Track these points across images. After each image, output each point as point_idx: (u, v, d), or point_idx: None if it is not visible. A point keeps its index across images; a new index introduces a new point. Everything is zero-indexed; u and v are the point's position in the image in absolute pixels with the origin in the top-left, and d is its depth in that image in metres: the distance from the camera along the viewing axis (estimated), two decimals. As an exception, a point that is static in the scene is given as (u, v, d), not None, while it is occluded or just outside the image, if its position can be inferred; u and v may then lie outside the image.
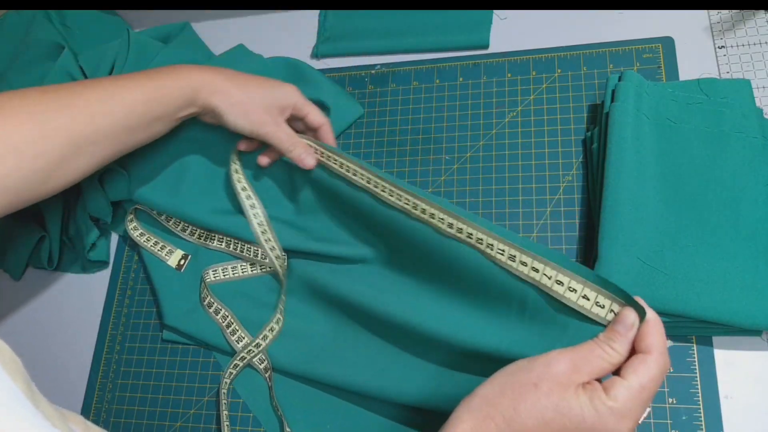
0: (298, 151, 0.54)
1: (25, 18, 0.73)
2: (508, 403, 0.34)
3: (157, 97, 0.50)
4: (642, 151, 0.50)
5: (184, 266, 0.61)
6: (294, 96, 0.55)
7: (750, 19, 0.56)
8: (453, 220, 0.44)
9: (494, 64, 0.62)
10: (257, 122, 0.53)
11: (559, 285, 0.39)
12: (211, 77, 0.52)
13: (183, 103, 0.52)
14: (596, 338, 0.35)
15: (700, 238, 0.47)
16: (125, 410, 0.59)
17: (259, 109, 0.53)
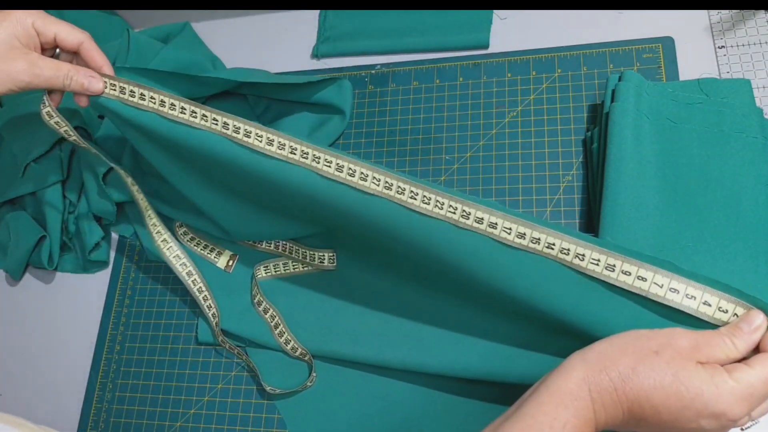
0: (77, 78, 0.46)
1: (25, 18, 0.73)
2: (627, 362, 0.33)
3: None
4: (642, 151, 0.50)
5: (233, 267, 0.60)
6: (27, 17, 0.45)
7: (750, 19, 0.56)
8: None
9: (494, 64, 0.62)
10: (7, 78, 0.45)
11: (674, 293, 0.37)
12: None
13: None
14: (719, 329, 0.35)
15: (700, 238, 0.47)
16: (125, 410, 0.59)
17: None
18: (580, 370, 0.34)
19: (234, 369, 0.58)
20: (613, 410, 0.33)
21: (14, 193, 0.67)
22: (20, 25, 0.45)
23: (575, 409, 0.33)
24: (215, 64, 0.71)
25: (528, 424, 0.33)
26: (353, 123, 0.64)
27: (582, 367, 0.34)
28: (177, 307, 0.62)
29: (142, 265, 0.65)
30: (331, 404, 0.53)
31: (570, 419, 0.33)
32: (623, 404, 0.33)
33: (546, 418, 0.33)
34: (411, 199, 0.42)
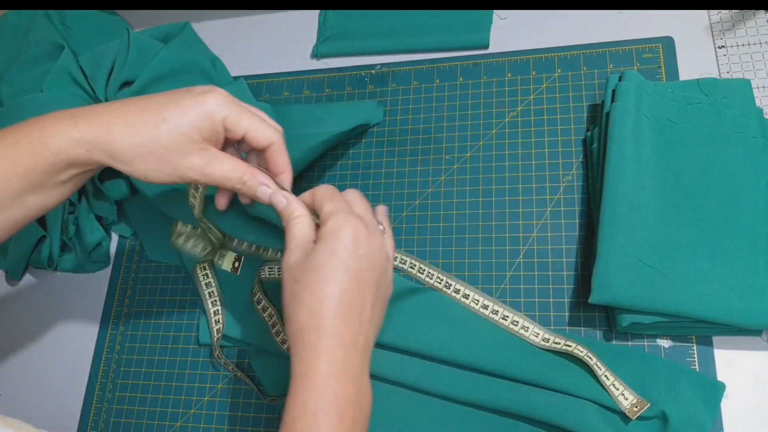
0: (251, 185, 0.41)
1: (25, 18, 0.73)
2: (298, 310, 0.37)
3: (8, 168, 0.38)
4: (642, 151, 0.50)
5: (239, 268, 0.59)
6: (219, 111, 0.39)
7: (750, 19, 0.56)
8: None
9: (494, 64, 0.62)
10: (175, 172, 0.39)
11: None
12: (85, 131, 0.39)
13: (52, 169, 0.39)
14: (285, 226, 0.41)
15: (700, 238, 0.47)
16: (125, 410, 0.59)
17: (170, 154, 0.39)
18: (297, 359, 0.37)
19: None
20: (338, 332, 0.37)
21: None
22: (209, 120, 0.39)
23: None
24: (215, 64, 0.71)
25: None
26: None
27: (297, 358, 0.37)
28: (177, 307, 0.62)
29: (142, 265, 0.65)
30: None
31: None
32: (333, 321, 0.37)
33: None
34: None
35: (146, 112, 0.39)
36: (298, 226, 0.40)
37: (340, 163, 0.63)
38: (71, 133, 0.39)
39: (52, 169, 0.39)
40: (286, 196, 0.41)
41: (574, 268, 0.52)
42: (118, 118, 0.39)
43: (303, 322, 0.37)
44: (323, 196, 0.40)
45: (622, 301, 0.45)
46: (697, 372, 0.46)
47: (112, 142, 0.39)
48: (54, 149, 0.39)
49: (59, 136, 0.39)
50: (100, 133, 0.39)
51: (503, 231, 0.55)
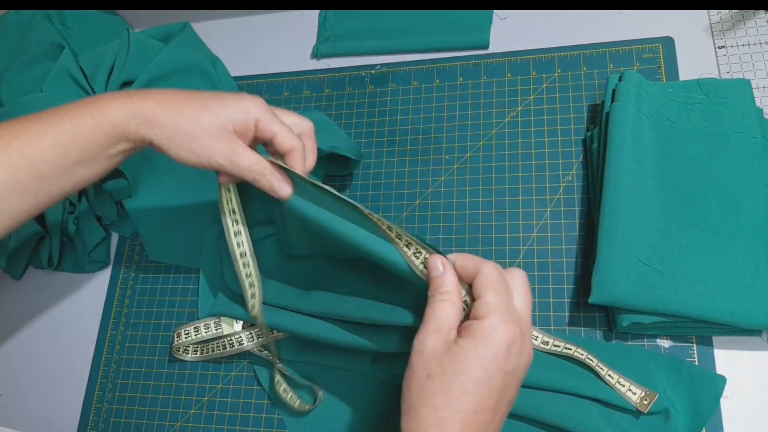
0: (269, 179, 0.45)
1: (25, 18, 0.73)
2: (425, 412, 0.33)
3: (70, 140, 0.42)
4: (642, 151, 0.50)
5: None
6: (254, 111, 0.44)
7: (750, 19, 0.56)
8: None
9: (494, 64, 0.62)
10: (205, 154, 0.44)
11: None
12: (139, 105, 0.43)
13: (107, 142, 0.43)
14: (429, 301, 0.36)
15: (700, 238, 0.47)
16: (125, 410, 0.59)
17: (206, 137, 0.43)
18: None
19: (234, 369, 0.58)
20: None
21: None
22: (243, 116, 0.44)
23: None
24: (215, 64, 0.71)
25: None
26: (353, 123, 0.64)
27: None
28: (177, 307, 0.62)
29: (142, 265, 0.65)
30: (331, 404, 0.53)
31: None
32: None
33: None
34: None
35: (194, 99, 0.44)
36: (443, 306, 0.36)
37: (340, 163, 0.63)
38: (128, 107, 0.43)
39: (107, 142, 0.43)
40: (444, 264, 0.37)
41: (574, 268, 0.52)
42: (168, 100, 0.44)
43: (425, 427, 0.33)
44: (488, 281, 0.36)
45: (622, 301, 0.45)
46: (698, 366, 0.46)
47: (159, 119, 0.43)
48: (114, 121, 0.43)
49: (120, 109, 0.43)
50: (152, 109, 0.43)
51: (503, 231, 0.55)
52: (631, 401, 0.45)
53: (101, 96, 0.44)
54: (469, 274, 0.36)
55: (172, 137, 0.43)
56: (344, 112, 0.65)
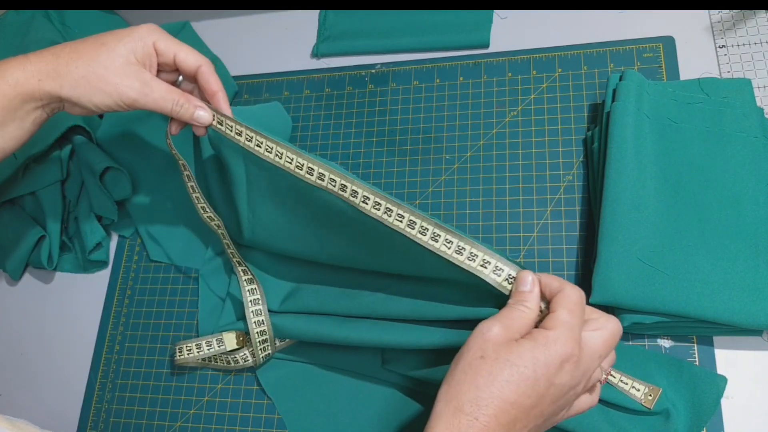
0: (187, 107, 0.45)
1: (25, 18, 0.73)
2: (466, 387, 0.34)
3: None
4: (642, 151, 0.50)
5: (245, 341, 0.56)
6: (149, 36, 0.44)
7: (750, 19, 0.56)
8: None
9: (495, 63, 0.62)
10: (115, 92, 0.43)
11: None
12: (35, 62, 0.43)
13: (10, 105, 0.43)
14: (510, 303, 0.37)
15: (701, 238, 0.47)
16: (125, 410, 0.59)
17: (111, 75, 0.43)
18: (437, 427, 0.34)
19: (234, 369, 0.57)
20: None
21: (14, 193, 0.66)
22: (141, 43, 0.44)
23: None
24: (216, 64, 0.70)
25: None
26: (353, 123, 0.64)
27: (439, 419, 0.34)
28: (177, 307, 0.62)
29: (142, 265, 0.65)
30: (331, 405, 0.53)
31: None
32: (491, 424, 0.33)
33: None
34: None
35: (88, 41, 0.44)
36: (520, 313, 0.36)
37: (340, 163, 0.63)
38: (24, 65, 0.43)
39: (11, 105, 0.43)
40: (533, 282, 0.38)
41: (575, 268, 0.52)
42: (65, 48, 0.44)
43: (462, 400, 0.34)
44: (566, 301, 0.36)
45: (623, 301, 0.45)
46: (698, 366, 0.46)
47: (59, 69, 0.43)
48: (11, 82, 0.42)
49: (14, 69, 0.43)
50: (49, 62, 0.43)
51: (504, 231, 0.55)
52: (635, 398, 0.45)
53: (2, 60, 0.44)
54: (552, 292, 0.37)
55: (77, 84, 0.42)
56: (344, 112, 0.65)
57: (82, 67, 0.42)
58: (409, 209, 0.42)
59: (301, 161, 0.46)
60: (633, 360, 0.47)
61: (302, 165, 0.45)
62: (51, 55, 0.43)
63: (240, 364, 0.55)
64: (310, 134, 0.65)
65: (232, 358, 0.55)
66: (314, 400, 0.54)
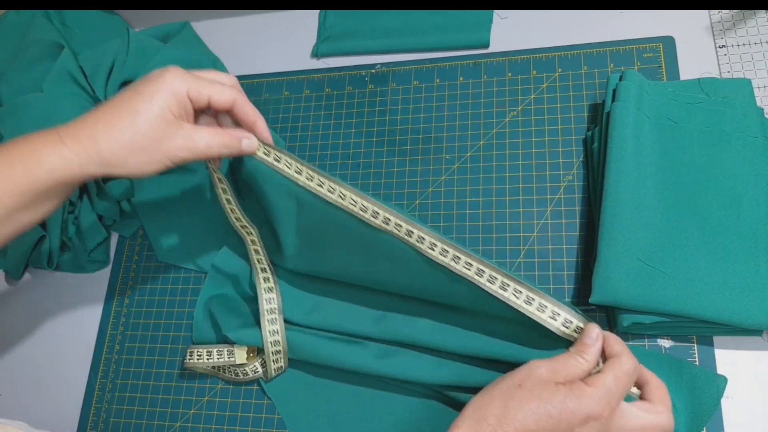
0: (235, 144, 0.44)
1: (25, 18, 0.73)
2: (497, 404, 0.36)
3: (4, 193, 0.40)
4: (643, 151, 0.50)
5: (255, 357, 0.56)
6: (180, 85, 0.42)
7: (750, 19, 0.56)
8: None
9: (495, 63, 0.62)
10: (164, 158, 0.42)
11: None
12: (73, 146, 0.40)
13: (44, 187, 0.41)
14: (569, 350, 0.39)
15: (701, 238, 0.47)
16: (125, 410, 0.59)
17: (155, 140, 0.41)
18: (461, 426, 0.36)
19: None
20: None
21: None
22: (174, 97, 0.41)
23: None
24: (215, 64, 0.71)
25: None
26: (353, 122, 0.64)
27: (463, 423, 0.36)
28: (177, 307, 0.62)
29: (142, 265, 0.65)
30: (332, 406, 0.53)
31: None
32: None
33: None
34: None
35: (120, 111, 0.41)
36: (576, 363, 0.38)
37: (340, 163, 0.63)
38: (62, 151, 0.40)
39: (45, 188, 0.41)
40: (598, 337, 0.39)
41: (575, 268, 0.52)
42: (98, 126, 0.41)
43: (489, 413, 0.36)
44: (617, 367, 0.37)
45: (623, 301, 0.45)
46: (699, 366, 0.46)
47: (101, 150, 0.40)
48: (48, 168, 0.40)
49: (52, 155, 0.40)
50: (89, 145, 0.40)
51: (504, 231, 0.55)
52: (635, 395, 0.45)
53: (31, 139, 0.41)
54: (610, 353, 0.39)
55: (125, 160, 0.41)
56: (344, 112, 0.65)
57: (124, 143, 0.40)
58: (476, 258, 0.44)
59: (366, 204, 0.46)
60: None
61: (367, 208, 0.46)
62: (87, 137, 0.40)
63: (249, 376, 0.55)
64: (310, 134, 0.65)
65: (242, 371, 0.55)
66: (315, 401, 0.54)
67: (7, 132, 0.69)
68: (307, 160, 0.63)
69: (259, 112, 0.47)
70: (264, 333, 0.52)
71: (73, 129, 0.41)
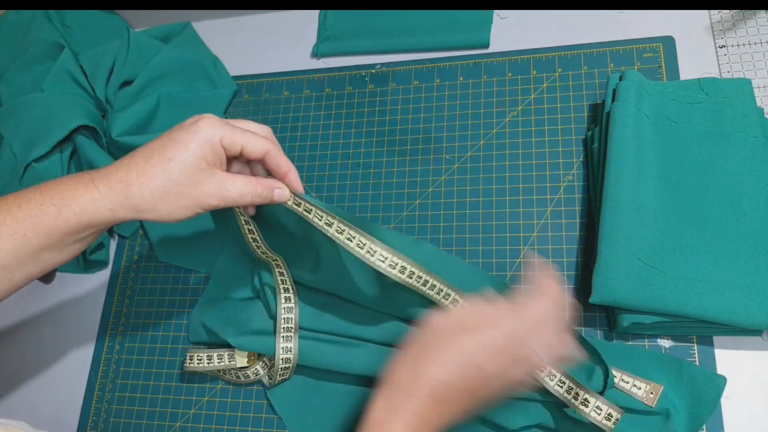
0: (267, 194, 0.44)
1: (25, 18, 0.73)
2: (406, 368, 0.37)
3: (30, 229, 0.41)
4: (643, 151, 0.50)
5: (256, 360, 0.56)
6: (214, 133, 0.42)
7: (750, 19, 0.56)
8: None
9: (495, 63, 0.62)
10: (196, 205, 0.42)
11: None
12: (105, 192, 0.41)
13: (72, 230, 0.41)
14: None
15: (701, 238, 0.47)
16: (125, 410, 0.59)
17: (187, 188, 0.41)
18: (379, 398, 0.37)
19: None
20: (425, 411, 0.35)
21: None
22: (208, 145, 0.41)
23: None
24: (216, 64, 0.71)
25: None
26: (353, 122, 0.64)
27: (380, 396, 0.37)
28: (177, 307, 0.62)
29: (142, 265, 0.65)
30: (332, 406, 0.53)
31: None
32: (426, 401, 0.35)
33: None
34: None
35: (153, 158, 0.41)
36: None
37: (340, 163, 0.63)
38: (93, 194, 0.41)
39: (73, 230, 0.42)
40: None
41: (575, 268, 0.52)
42: (131, 172, 0.41)
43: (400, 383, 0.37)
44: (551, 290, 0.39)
45: (623, 301, 0.45)
46: (698, 366, 0.46)
47: (132, 196, 0.41)
48: (78, 210, 0.41)
49: (83, 198, 0.41)
50: (120, 190, 0.41)
51: (504, 231, 0.55)
52: (637, 397, 0.45)
53: (63, 182, 0.42)
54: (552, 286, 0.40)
55: (156, 206, 0.41)
56: (344, 112, 0.65)
57: (156, 190, 0.41)
58: None
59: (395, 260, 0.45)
60: (633, 360, 0.47)
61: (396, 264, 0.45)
62: (119, 182, 0.41)
63: (251, 378, 0.55)
64: (310, 134, 0.65)
65: (243, 374, 0.55)
66: (314, 402, 0.54)
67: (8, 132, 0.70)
68: (307, 161, 0.64)
69: (291, 163, 0.46)
70: (277, 349, 0.52)
71: (105, 174, 0.42)
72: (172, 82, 0.67)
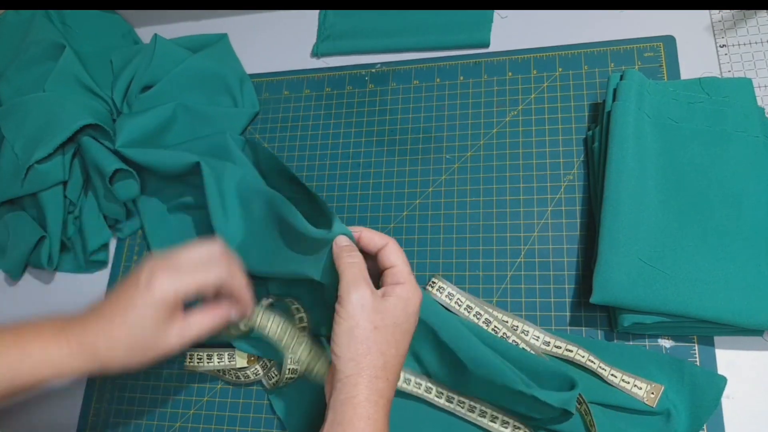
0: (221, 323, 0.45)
1: (25, 18, 0.73)
2: (375, 355, 0.40)
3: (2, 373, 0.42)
4: (643, 151, 0.49)
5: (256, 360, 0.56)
6: (166, 286, 0.42)
7: (751, 18, 0.56)
8: None
9: (495, 62, 0.62)
10: (162, 353, 0.43)
11: None
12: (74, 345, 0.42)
13: (42, 376, 0.43)
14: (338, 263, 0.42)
15: (702, 238, 0.46)
16: (125, 410, 0.59)
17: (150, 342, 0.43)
18: (362, 391, 0.39)
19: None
20: None
21: (15, 194, 0.66)
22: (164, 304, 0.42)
23: None
24: (243, 82, 0.69)
25: None
26: (353, 122, 0.64)
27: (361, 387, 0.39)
28: (177, 307, 0.62)
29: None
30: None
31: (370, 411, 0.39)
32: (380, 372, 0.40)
33: None
34: None
35: (115, 323, 0.42)
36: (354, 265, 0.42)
37: (340, 163, 0.63)
38: (60, 343, 0.42)
39: (43, 376, 0.43)
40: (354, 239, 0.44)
41: (576, 268, 0.52)
42: (99, 333, 0.43)
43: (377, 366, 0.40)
44: (398, 253, 0.43)
45: (624, 300, 0.45)
46: (699, 366, 0.46)
47: (99, 357, 0.42)
48: (45, 359, 0.42)
49: (52, 345, 0.42)
50: (88, 351, 0.42)
51: (504, 231, 0.55)
52: (638, 397, 0.45)
53: (32, 327, 0.43)
54: (376, 245, 0.43)
55: (121, 361, 0.43)
56: (344, 111, 0.65)
57: (121, 347, 0.42)
58: None
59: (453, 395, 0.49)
60: (634, 360, 0.47)
61: (441, 393, 0.49)
62: (89, 345, 0.42)
63: (251, 378, 0.55)
64: (310, 134, 0.65)
65: (243, 374, 0.55)
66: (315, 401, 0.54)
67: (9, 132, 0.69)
68: (307, 160, 0.64)
69: (244, 285, 0.46)
70: (284, 364, 0.51)
71: (81, 326, 0.43)
72: (192, 93, 0.67)
